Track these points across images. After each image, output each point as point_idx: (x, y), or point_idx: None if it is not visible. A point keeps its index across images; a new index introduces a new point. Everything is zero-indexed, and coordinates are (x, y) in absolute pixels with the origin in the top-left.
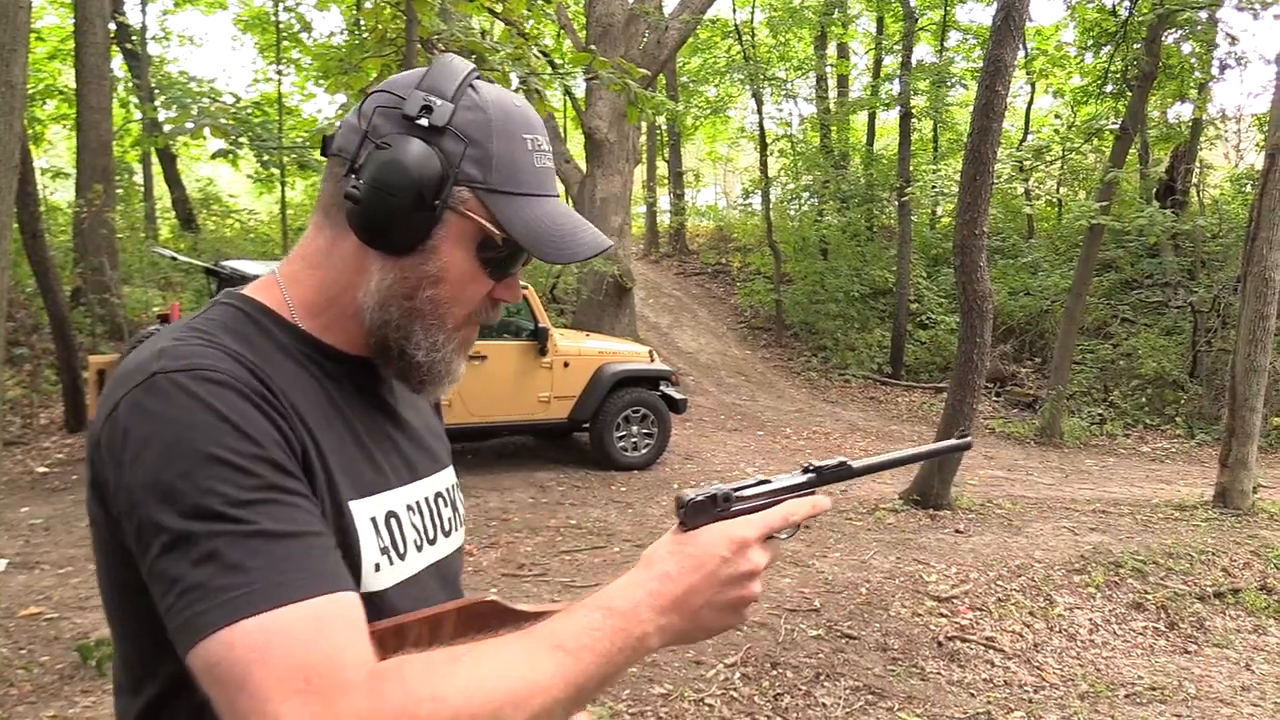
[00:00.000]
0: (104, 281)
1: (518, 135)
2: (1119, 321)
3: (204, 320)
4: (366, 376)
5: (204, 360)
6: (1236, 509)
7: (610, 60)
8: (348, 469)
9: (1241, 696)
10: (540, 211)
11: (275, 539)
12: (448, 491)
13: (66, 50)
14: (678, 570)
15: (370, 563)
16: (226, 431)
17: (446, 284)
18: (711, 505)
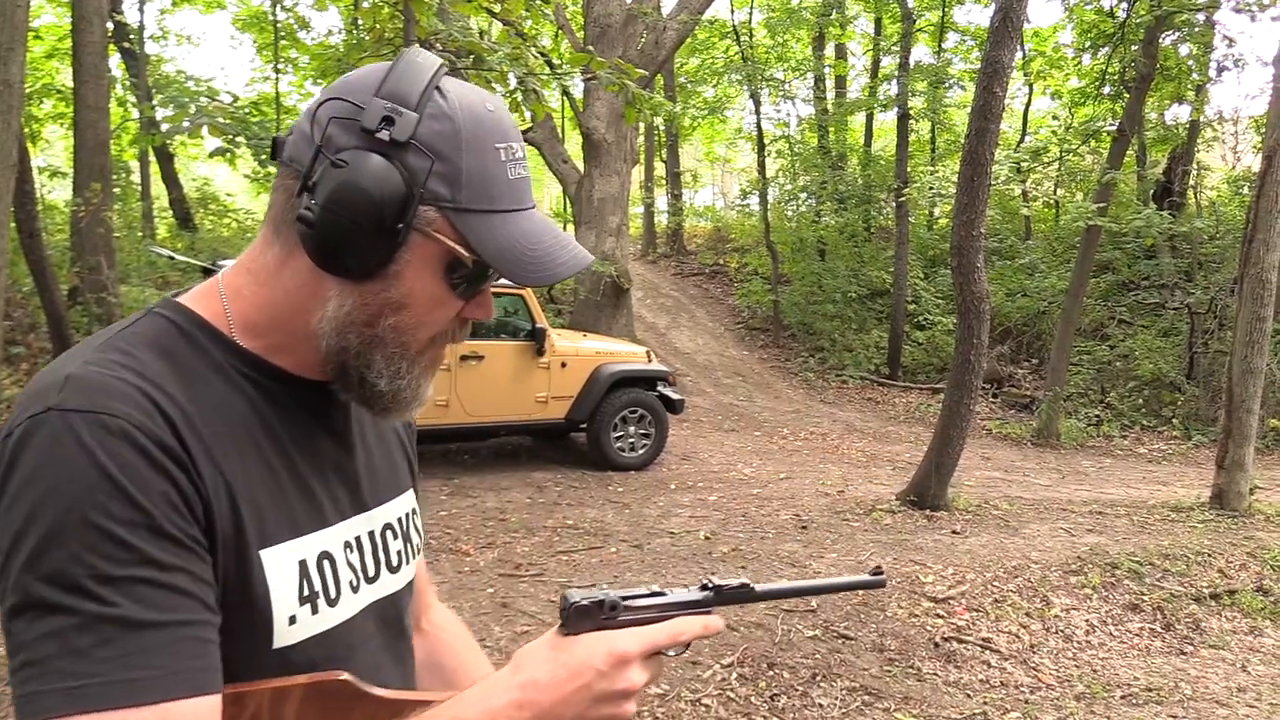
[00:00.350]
0: (101, 280)
1: (490, 146)
2: (1116, 323)
3: (130, 334)
4: (318, 400)
5: (105, 400)
6: (1233, 510)
7: (608, 61)
8: (275, 508)
9: (1237, 698)
10: (515, 230)
11: (133, 629)
12: (400, 521)
13: (64, 49)
14: (548, 679)
15: (283, 616)
16: (109, 494)
17: (411, 310)
18: (597, 611)
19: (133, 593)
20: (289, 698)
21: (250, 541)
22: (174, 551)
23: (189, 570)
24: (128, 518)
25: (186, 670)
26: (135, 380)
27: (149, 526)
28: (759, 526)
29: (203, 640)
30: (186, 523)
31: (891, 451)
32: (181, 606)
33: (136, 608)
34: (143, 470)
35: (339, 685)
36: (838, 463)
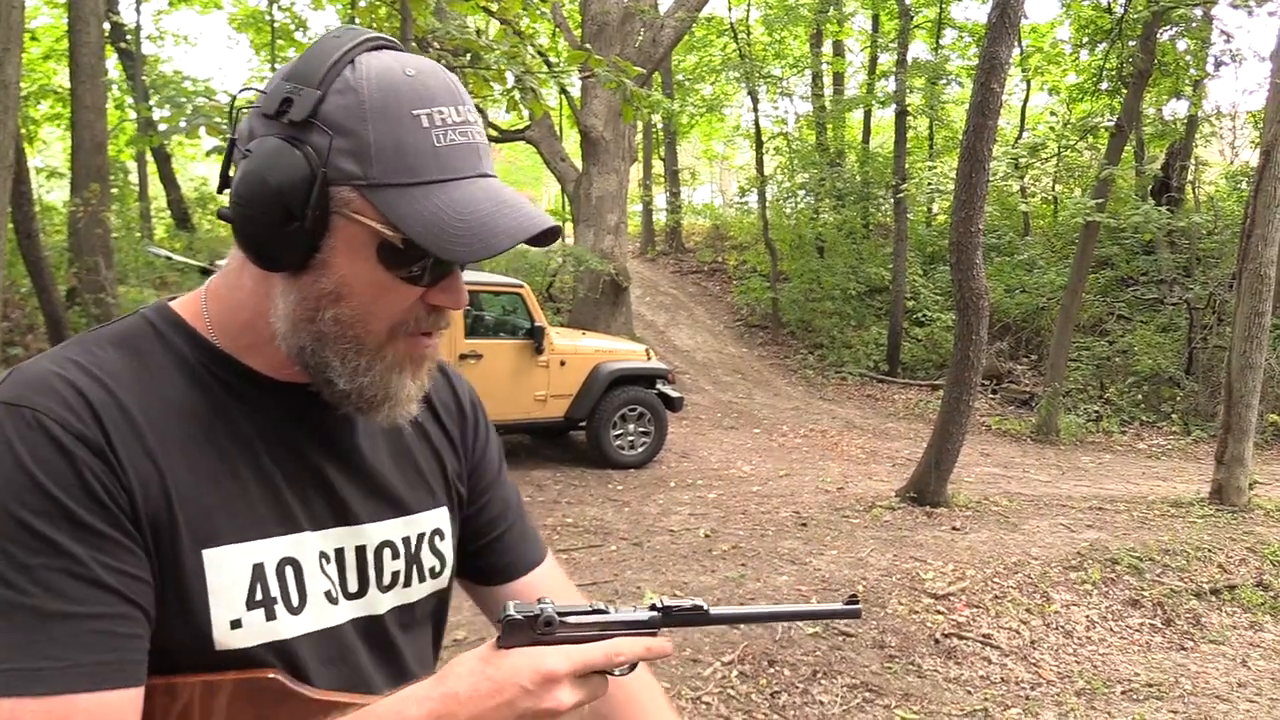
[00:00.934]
0: (99, 281)
1: (405, 113)
2: (1115, 318)
3: (105, 332)
4: (299, 405)
5: (30, 394)
6: (1233, 505)
7: (606, 58)
8: (227, 509)
9: (1238, 692)
10: (442, 201)
11: (42, 618)
12: (406, 541)
13: (61, 50)
14: (468, 693)
15: (223, 618)
16: (24, 485)
17: (349, 300)
18: (531, 626)
19: (45, 581)
20: (220, 691)
21: (184, 539)
22: (94, 543)
23: (109, 563)
24: (42, 509)
25: (94, 664)
26: (74, 375)
27: (65, 517)
28: (759, 524)
29: (115, 634)
30: (110, 514)
31: (891, 448)
32: (95, 599)
33: (46, 597)
34: (56, 463)
35: (268, 682)
36: (837, 460)
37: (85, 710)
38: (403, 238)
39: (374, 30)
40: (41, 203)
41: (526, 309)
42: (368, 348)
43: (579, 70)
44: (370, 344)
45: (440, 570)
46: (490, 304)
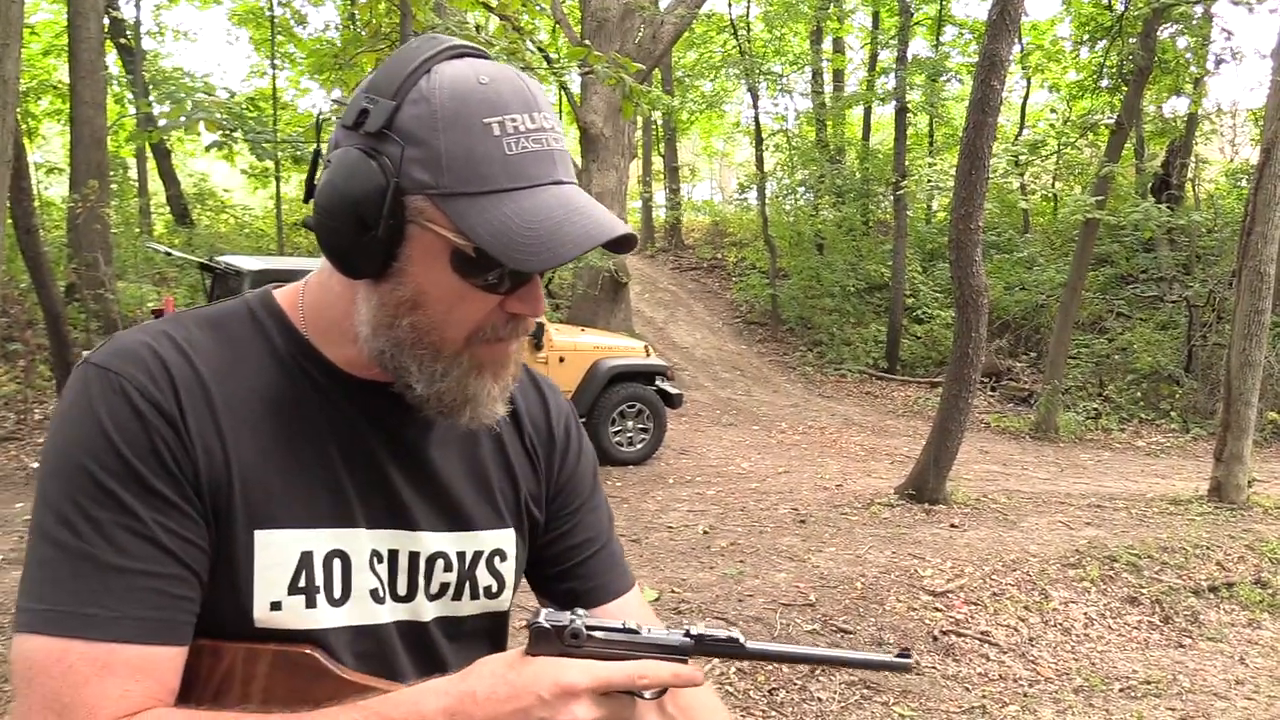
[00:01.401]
0: (98, 277)
1: (476, 121)
2: (1114, 316)
3: (204, 312)
4: (384, 406)
5: (119, 362)
6: (1231, 503)
7: (605, 55)
8: (287, 494)
9: (1235, 690)
10: (510, 210)
11: (102, 569)
12: (461, 556)
13: (60, 46)
14: (486, 694)
15: (264, 598)
16: (101, 444)
17: (427, 308)
18: (556, 636)
19: (109, 535)
20: (260, 659)
21: (239, 517)
22: (158, 506)
23: (170, 526)
24: (114, 468)
25: (141, 619)
26: (162, 347)
27: (135, 479)
28: (757, 520)
29: (167, 594)
30: (176, 482)
31: (890, 445)
32: (152, 558)
33: (109, 550)
34: (132, 426)
35: (305, 658)
36: (836, 457)
37: (126, 660)
38: (473, 246)
39: (456, 38)
40: (41, 198)
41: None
42: (444, 354)
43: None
44: (447, 350)
45: (497, 592)
46: None
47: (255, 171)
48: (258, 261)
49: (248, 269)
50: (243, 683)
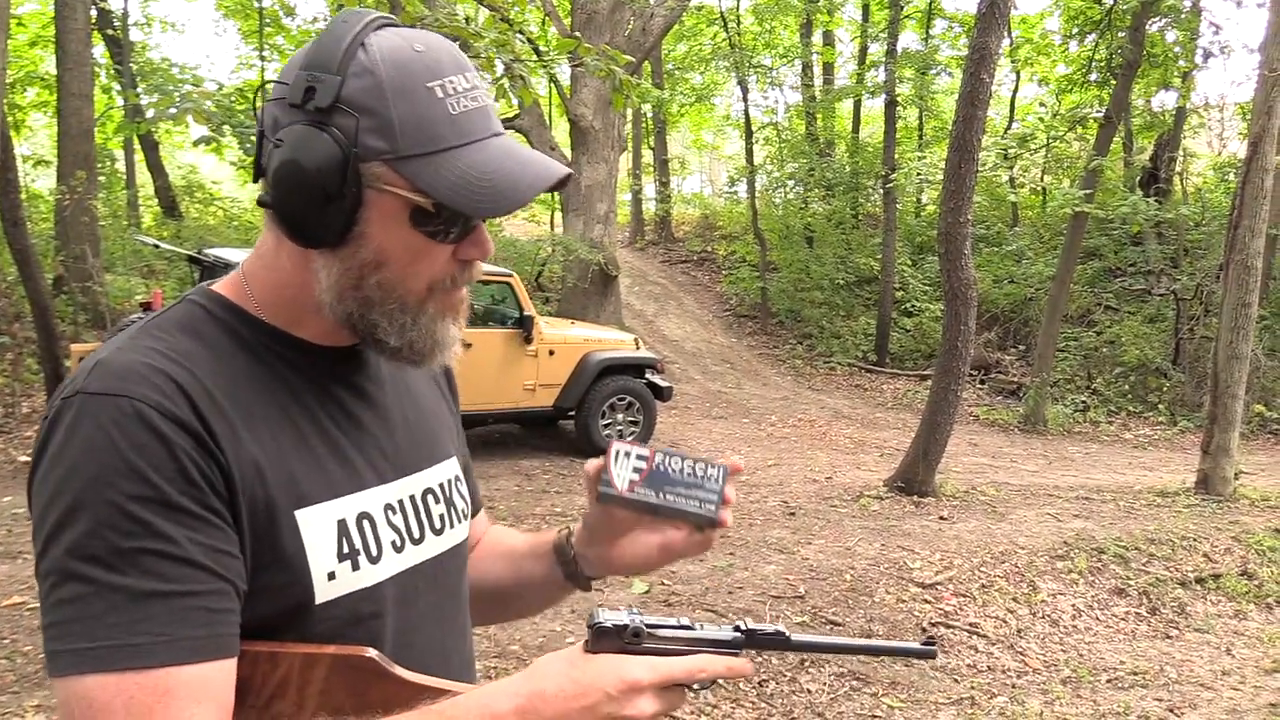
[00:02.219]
0: (86, 269)
1: (420, 86)
2: (1102, 309)
3: (163, 320)
4: (347, 370)
5: (123, 384)
6: (1218, 495)
7: (595, 47)
8: (309, 472)
9: (1222, 681)
10: (464, 163)
11: (140, 598)
12: (442, 487)
13: (47, 36)
14: (555, 692)
15: (321, 572)
16: (122, 472)
17: (391, 266)
18: (618, 635)
19: (142, 564)
20: (319, 663)
21: (279, 505)
22: (188, 524)
23: (202, 541)
24: (139, 494)
25: (189, 638)
26: (159, 362)
27: (160, 501)
28: (747, 513)
29: (210, 610)
30: (203, 495)
31: (879, 438)
32: (189, 578)
33: (145, 579)
34: (154, 448)
35: (364, 660)
36: (825, 449)
37: (185, 683)
38: (433, 202)
39: (373, 10)
40: (28, 190)
41: (515, 298)
42: (410, 306)
43: (568, 59)
44: (412, 302)
45: (467, 512)
46: (479, 293)
47: (244, 164)
48: (246, 254)
49: (236, 262)
50: (299, 689)
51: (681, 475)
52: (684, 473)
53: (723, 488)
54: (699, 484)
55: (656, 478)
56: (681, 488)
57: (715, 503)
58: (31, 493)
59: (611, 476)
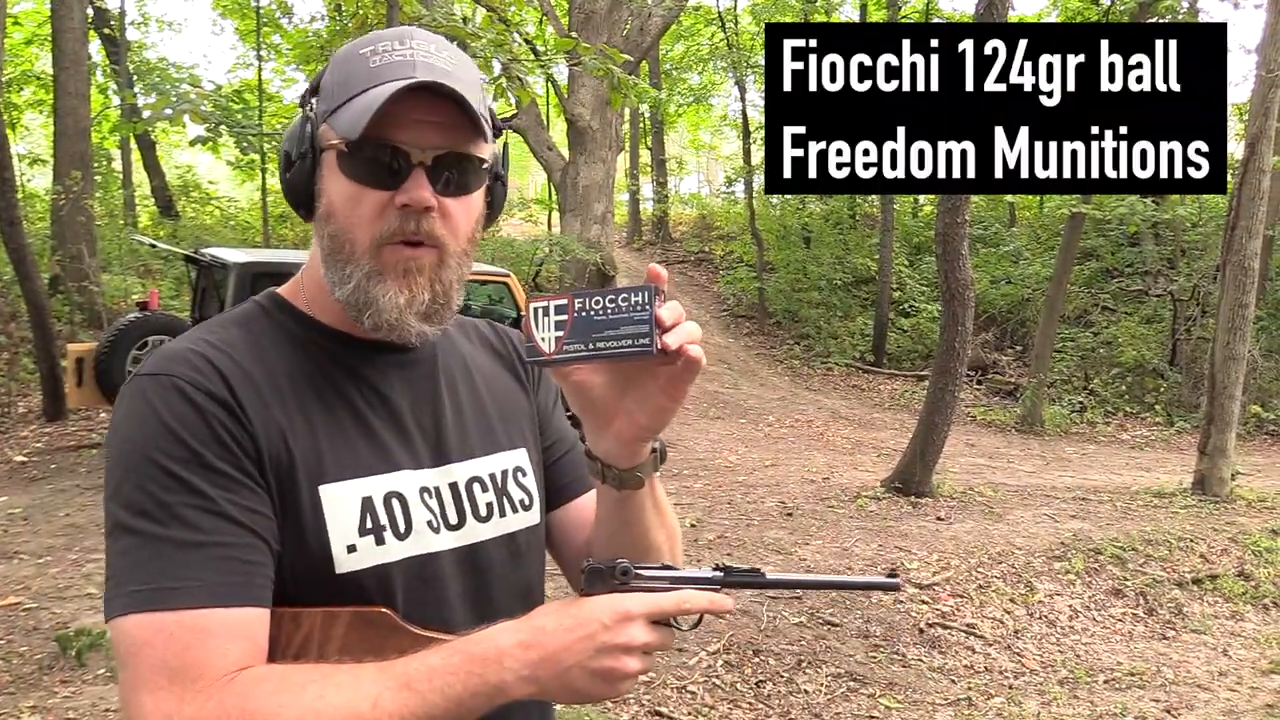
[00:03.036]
0: (82, 269)
1: (355, 53)
2: (1099, 310)
3: (224, 316)
4: (387, 358)
5: (169, 365)
6: (1215, 496)
7: (593, 46)
8: (337, 451)
9: (1219, 681)
10: (364, 100)
11: (179, 547)
12: (494, 477)
13: (43, 35)
14: (555, 626)
15: (341, 544)
16: (165, 437)
17: (335, 216)
18: (610, 575)
19: (181, 515)
20: (338, 621)
21: (301, 479)
22: (223, 484)
23: (237, 500)
24: (181, 455)
25: (223, 584)
26: (203, 349)
27: (199, 463)
28: (744, 514)
29: (243, 560)
30: (237, 459)
31: (876, 438)
32: (225, 531)
33: (183, 529)
34: (191, 417)
35: (380, 616)
36: (823, 450)
37: (221, 622)
38: (346, 141)
39: None
40: (24, 190)
41: (513, 298)
42: (353, 258)
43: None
44: (357, 254)
45: (530, 504)
46: (476, 293)
47: (241, 164)
48: (243, 254)
49: (233, 261)
50: (320, 644)
51: (605, 314)
52: (607, 310)
53: (652, 312)
54: (627, 317)
55: (581, 326)
56: (609, 329)
57: (648, 333)
58: None
59: (535, 340)
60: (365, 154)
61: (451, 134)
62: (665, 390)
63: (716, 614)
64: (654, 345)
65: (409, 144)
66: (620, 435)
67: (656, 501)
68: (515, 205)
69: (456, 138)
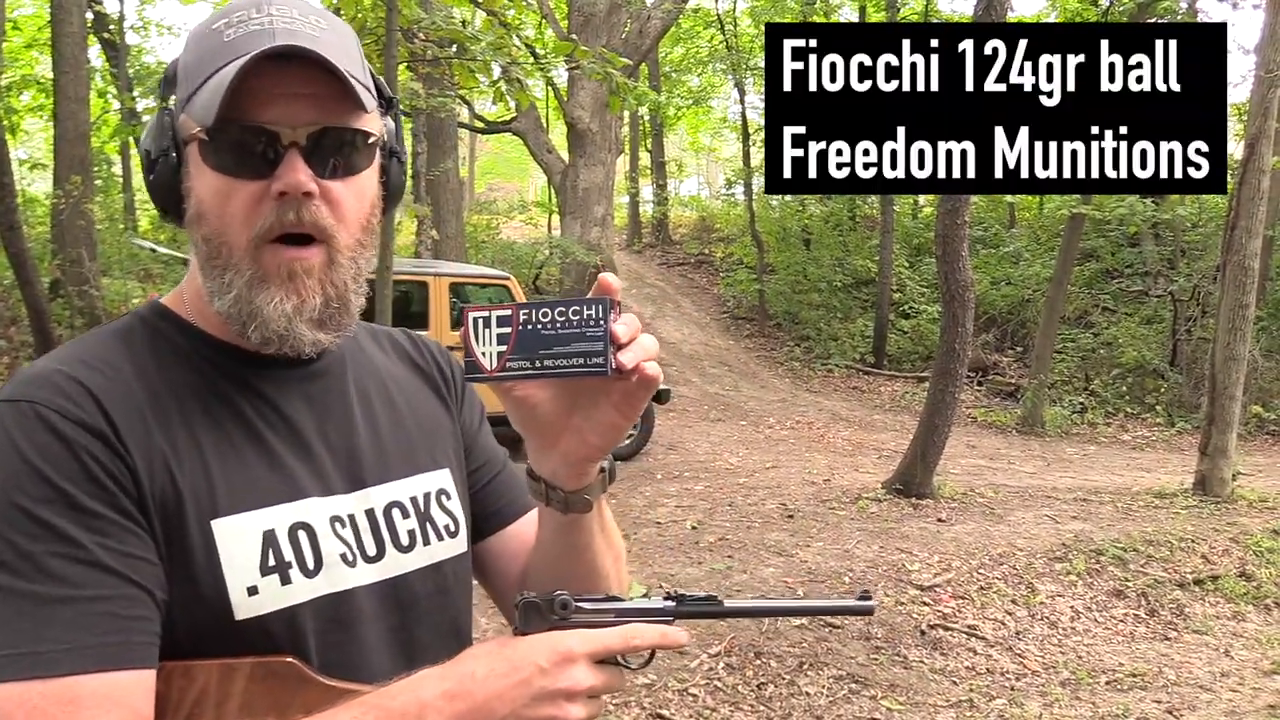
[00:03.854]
0: (83, 273)
1: (208, 29)
2: (1100, 310)
3: (101, 330)
4: (287, 374)
5: (31, 390)
6: (1216, 496)
7: (592, 50)
8: (232, 480)
9: (1220, 682)
10: (219, 79)
11: (45, 604)
12: (415, 501)
13: (43, 40)
14: (486, 673)
15: (239, 585)
16: (26, 475)
17: (207, 217)
18: (547, 610)
19: (47, 567)
20: (237, 674)
21: (190, 513)
22: (96, 527)
23: (110, 545)
24: (43, 496)
25: (96, 646)
26: (73, 369)
27: (66, 503)
28: (745, 516)
29: (119, 616)
30: (113, 497)
31: (877, 440)
32: (98, 582)
33: (49, 583)
34: (56, 450)
35: (285, 666)
36: (824, 451)
37: (92, 692)
38: (204, 129)
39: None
40: (24, 194)
41: (513, 301)
42: (232, 263)
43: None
44: (235, 259)
45: (455, 530)
46: (476, 296)
47: None
48: None
49: None
50: (217, 703)
51: (555, 329)
52: (557, 324)
53: (606, 327)
54: (578, 333)
55: (527, 340)
56: (559, 345)
57: (602, 350)
58: None
59: (475, 355)
60: (228, 140)
61: (326, 107)
62: (618, 407)
63: (669, 649)
64: (609, 365)
65: (276, 122)
66: (567, 455)
67: (604, 524)
68: (515, 208)
69: (332, 110)
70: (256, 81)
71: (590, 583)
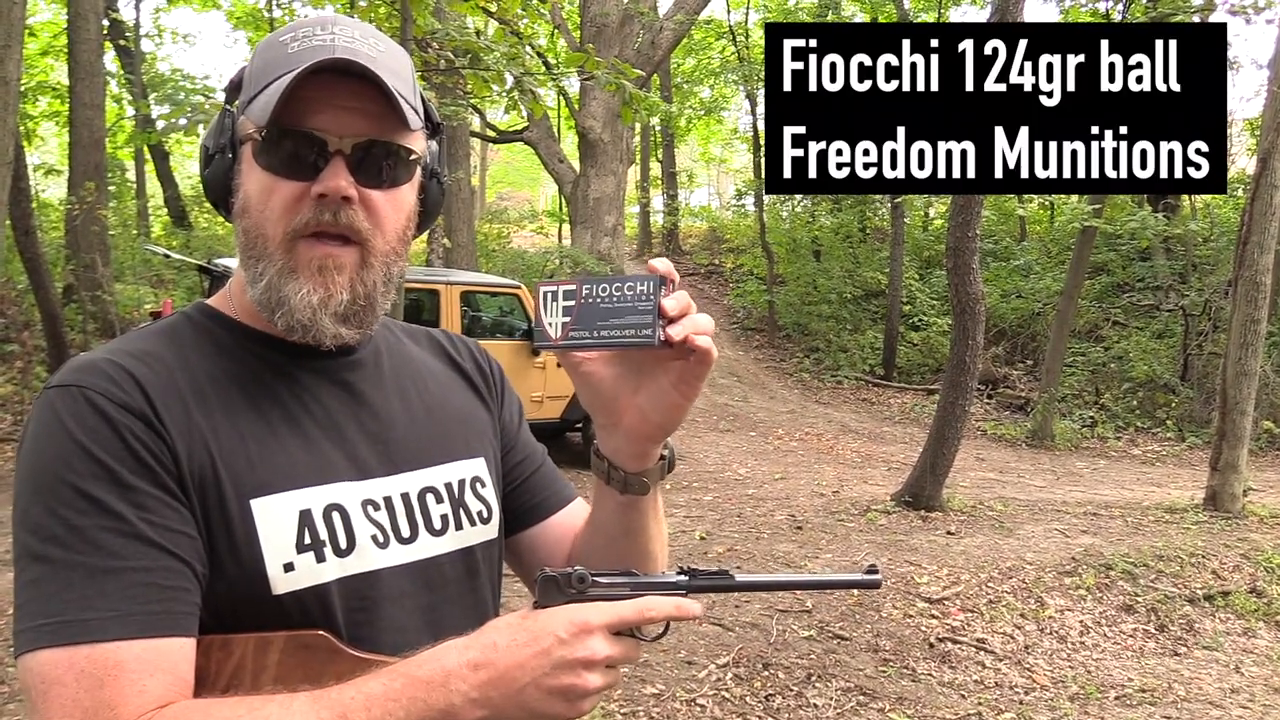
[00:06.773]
0: (96, 278)
1: (275, 41)
2: (1110, 324)
3: (148, 327)
4: (332, 363)
5: (79, 375)
6: (1226, 512)
7: (605, 60)
8: (269, 462)
9: (1230, 699)
10: (278, 84)
11: (91, 574)
12: (449, 487)
13: (59, 47)
14: (508, 643)
15: (276, 562)
16: (75, 454)
17: (250, 210)
18: (565, 584)
19: (94, 539)
20: (272, 646)
21: (230, 492)
22: (139, 502)
23: (154, 520)
24: (91, 472)
25: (140, 614)
26: (119, 358)
27: (112, 480)
28: (754, 527)
29: (162, 586)
30: (155, 475)
31: (886, 452)
32: (141, 554)
33: (96, 555)
34: (103, 431)
35: (317, 639)
36: (832, 463)
37: (136, 656)
38: (258, 129)
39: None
40: (39, 200)
41: (523, 309)
42: (267, 253)
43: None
44: (270, 250)
45: (489, 517)
46: (487, 304)
47: None
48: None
49: None
50: (254, 674)
51: (611, 302)
52: (614, 298)
53: (656, 302)
54: (631, 306)
55: (588, 313)
56: (614, 318)
57: (650, 324)
58: None
59: (544, 325)
60: (280, 142)
61: (374, 121)
62: (677, 386)
63: (683, 621)
64: (656, 336)
65: (325, 130)
66: (631, 433)
67: (657, 511)
68: (526, 217)
69: (380, 125)
70: (312, 91)
71: (641, 564)
